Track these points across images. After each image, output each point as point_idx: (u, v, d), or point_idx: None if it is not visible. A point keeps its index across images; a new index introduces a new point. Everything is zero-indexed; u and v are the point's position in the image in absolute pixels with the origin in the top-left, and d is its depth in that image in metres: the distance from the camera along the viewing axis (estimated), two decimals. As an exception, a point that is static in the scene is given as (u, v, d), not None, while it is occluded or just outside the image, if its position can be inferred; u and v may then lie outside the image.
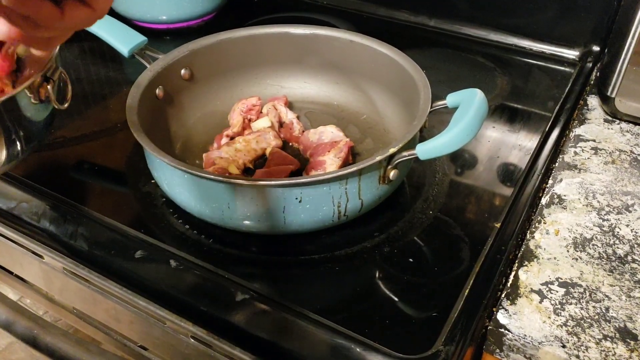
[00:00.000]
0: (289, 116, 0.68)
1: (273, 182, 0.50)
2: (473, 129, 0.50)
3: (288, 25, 0.70)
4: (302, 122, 0.69)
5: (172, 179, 0.54)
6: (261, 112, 0.69)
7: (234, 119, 0.67)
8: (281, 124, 0.69)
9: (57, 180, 0.64)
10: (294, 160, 0.62)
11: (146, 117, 0.57)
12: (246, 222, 0.52)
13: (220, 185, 0.50)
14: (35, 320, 0.56)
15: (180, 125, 0.66)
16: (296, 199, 0.50)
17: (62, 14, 0.34)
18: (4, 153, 0.48)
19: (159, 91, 0.63)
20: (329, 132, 0.64)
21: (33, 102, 0.49)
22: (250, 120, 0.68)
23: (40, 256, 0.59)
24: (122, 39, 0.68)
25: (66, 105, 0.53)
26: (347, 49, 0.68)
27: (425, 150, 0.50)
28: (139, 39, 0.69)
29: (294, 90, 0.72)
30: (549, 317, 0.47)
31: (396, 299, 0.50)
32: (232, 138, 0.65)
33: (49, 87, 0.50)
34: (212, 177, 0.50)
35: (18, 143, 0.49)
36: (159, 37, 0.93)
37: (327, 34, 0.69)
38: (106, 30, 0.69)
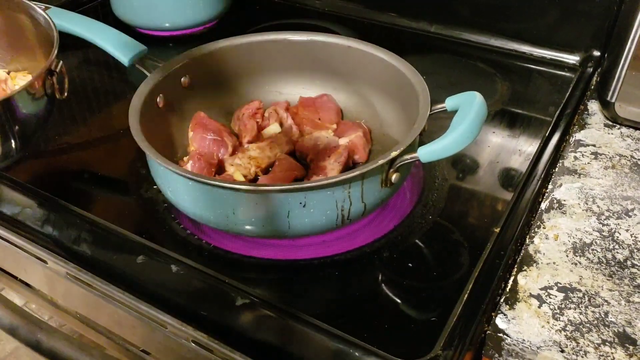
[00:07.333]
0: (288, 121, 0.68)
1: (278, 188, 0.51)
2: (474, 131, 0.50)
3: (286, 32, 0.70)
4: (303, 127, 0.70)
5: (176, 186, 0.54)
6: (264, 116, 0.70)
7: (248, 125, 0.67)
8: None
9: (60, 186, 0.64)
10: (300, 167, 0.62)
11: (148, 125, 0.57)
12: (250, 227, 0.52)
13: (225, 191, 0.51)
14: (39, 325, 0.56)
15: (182, 132, 0.67)
16: (300, 203, 0.50)
17: None
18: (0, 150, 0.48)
19: (159, 99, 0.63)
20: (324, 138, 0.65)
21: (37, 97, 0.49)
22: (258, 123, 0.68)
23: (44, 261, 0.59)
24: (122, 49, 0.68)
25: (65, 94, 0.53)
26: (345, 55, 0.69)
27: (427, 152, 0.51)
28: (139, 48, 0.69)
29: (292, 96, 0.72)
30: (548, 322, 0.48)
31: (395, 303, 0.51)
32: (250, 142, 0.65)
33: (54, 79, 0.50)
34: (217, 183, 0.50)
35: (13, 141, 0.49)
36: (162, 44, 0.94)
37: (324, 40, 0.69)
38: (106, 40, 0.69)
